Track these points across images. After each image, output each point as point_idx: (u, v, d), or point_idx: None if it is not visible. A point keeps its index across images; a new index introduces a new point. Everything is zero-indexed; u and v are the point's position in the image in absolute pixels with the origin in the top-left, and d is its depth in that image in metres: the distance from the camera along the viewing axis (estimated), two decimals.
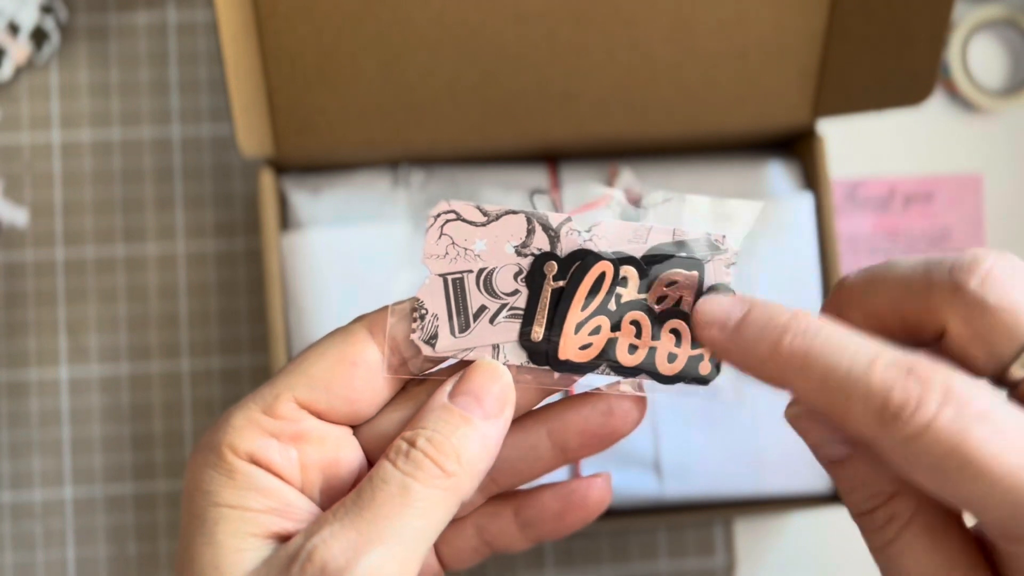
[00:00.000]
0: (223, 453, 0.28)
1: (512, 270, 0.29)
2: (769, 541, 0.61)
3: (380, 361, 0.29)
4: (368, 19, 0.49)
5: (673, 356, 0.29)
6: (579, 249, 0.29)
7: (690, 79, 0.52)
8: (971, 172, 0.64)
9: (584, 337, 0.29)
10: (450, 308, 0.29)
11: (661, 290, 0.29)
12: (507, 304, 0.29)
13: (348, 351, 0.29)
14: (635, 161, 0.55)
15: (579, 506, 0.33)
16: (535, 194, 0.54)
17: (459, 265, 0.29)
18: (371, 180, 0.53)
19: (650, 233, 0.29)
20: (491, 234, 0.29)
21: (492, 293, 0.29)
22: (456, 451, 0.27)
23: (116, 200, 0.58)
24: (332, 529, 0.26)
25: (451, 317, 0.29)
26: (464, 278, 0.29)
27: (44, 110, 0.58)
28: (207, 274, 0.58)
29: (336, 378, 0.29)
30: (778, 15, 0.52)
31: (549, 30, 0.50)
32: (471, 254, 0.29)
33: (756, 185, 0.55)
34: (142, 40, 0.59)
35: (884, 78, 0.48)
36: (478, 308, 0.29)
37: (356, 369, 0.29)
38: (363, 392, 0.29)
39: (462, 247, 0.29)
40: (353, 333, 0.30)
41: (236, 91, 0.45)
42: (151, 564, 0.57)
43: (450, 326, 0.29)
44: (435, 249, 0.29)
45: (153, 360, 0.57)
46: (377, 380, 0.30)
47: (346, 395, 0.29)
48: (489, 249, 0.29)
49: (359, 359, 0.29)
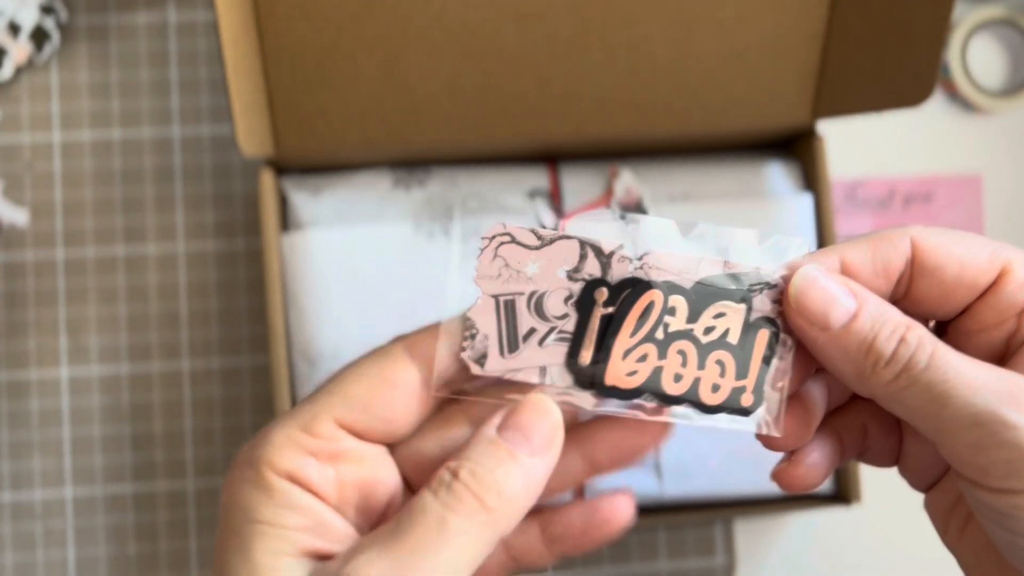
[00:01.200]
0: (262, 470, 0.28)
1: (563, 294, 0.30)
2: (769, 541, 0.61)
3: (418, 382, 0.30)
4: (368, 19, 0.49)
5: (716, 387, 0.30)
6: (630, 277, 0.30)
7: (690, 79, 0.52)
8: (971, 172, 0.64)
9: (631, 364, 0.30)
10: (500, 329, 0.30)
11: (709, 321, 0.30)
12: (556, 327, 0.30)
13: (387, 371, 0.30)
14: (635, 161, 0.55)
15: (605, 523, 0.33)
16: (535, 194, 0.54)
17: (511, 287, 0.30)
18: (371, 180, 0.53)
19: (700, 264, 0.30)
20: (544, 258, 0.30)
21: (542, 316, 0.30)
22: (499, 486, 0.28)
23: (116, 200, 0.58)
24: (369, 556, 0.26)
25: (501, 338, 0.30)
26: (515, 300, 0.30)
27: (44, 110, 0.58)
28: (207, 274, 0.58)
29: (375, 398, 0.29)
30: (778, 15, 0.52)
31: (549, 30, 0.50)
32: (523, 276, 0.30)
33: (756, 185, 0.55)
34: (142, 40, 0.59)
35: (884, 79, 0.48)
36: (528, 330, 0.30)
37: (395, 390, 0.30)
38: (401, 412, 0.30)
39: (515, 269, 0.30)
40: (392, 354, 0.30)
41: (236, 91, 0.45)
42: (151, 564, 0.57)
43: (499, 346, 0.30)
44: (488, 270, 0.30)
45: (153, 360, 0.58)
46: (415, 400, 0.30)
47: (384, 415, 0.30)
48: (541, 272, 0.30)
49: (398, 380, 0.30)
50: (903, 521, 0.62)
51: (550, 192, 0.54)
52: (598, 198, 0.54)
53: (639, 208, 0.54)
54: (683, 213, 0.54)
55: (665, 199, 0.54)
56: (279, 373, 0.50)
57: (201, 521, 0.57)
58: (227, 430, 0.58)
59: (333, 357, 0.51)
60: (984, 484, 0.26)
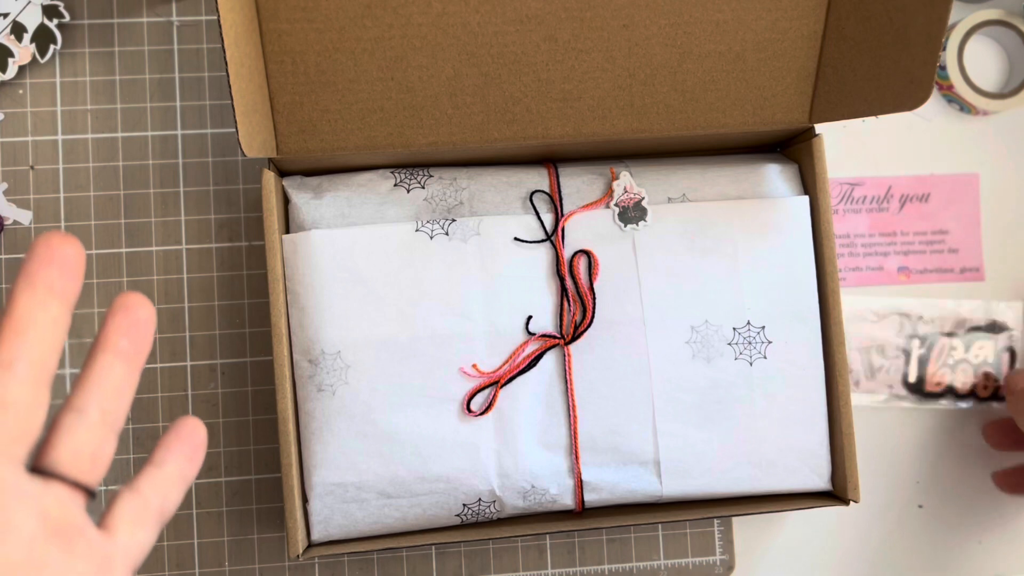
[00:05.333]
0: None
1: None
2: (768, 539, 0.61)
3: None
4: (369, 22, 0.50)
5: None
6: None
7: (688, 81, 0.53)
8: (967, 172, 0.64)
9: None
10: None
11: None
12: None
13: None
14: (634, 162, 0.56)
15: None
16: (535, 194, 0.54)
17: None
18: (372, 181, 0.54)
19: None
20: None
21: None
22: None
23: (119, 200, 0.58)
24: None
25: None
26: None
27: (48, 110, 0.58)
28: (210, 274, 0.59)
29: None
30: (775, 18, 0.52)
31: (549, 32, 0.51)
32: None
33: (754, 186, 0.55)
34: (145, 41, 0.59)
35: (881, 81, 0.48)
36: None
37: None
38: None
39: None
40: None
41: (239, 93, 0.45)
42: (153, 561, 0.57)
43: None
44: None
45: (157, 359, 0.58)
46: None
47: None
48: None
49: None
50: (901, 521, 0.63)
51: (550, 193, 0.54)
52: (597, 199, 0.54)
53: (638, 209, 0.54)
54: (682, 214, 0.54)
55: (664, 200, 0.54)
56: (282, 371, 0.50)
57: (202, 518, 0.57)
58: (230, 428, 0.58)
59: (335, 355, 0.51)
60: None
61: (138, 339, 0.31)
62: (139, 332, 0.31)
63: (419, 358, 0.52)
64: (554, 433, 0.53)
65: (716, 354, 0.53)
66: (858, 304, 0.63)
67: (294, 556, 0.50)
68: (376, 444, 0.51)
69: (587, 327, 0.53)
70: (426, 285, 0.52)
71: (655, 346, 0.53)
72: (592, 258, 0.53)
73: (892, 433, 0.63)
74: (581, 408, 0.53)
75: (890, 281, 0.63)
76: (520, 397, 0.52)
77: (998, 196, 0.64)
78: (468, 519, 0.53)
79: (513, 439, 0.52)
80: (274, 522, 0.58)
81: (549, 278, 0.53)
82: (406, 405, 0.51)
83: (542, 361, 0.53)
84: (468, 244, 0.53)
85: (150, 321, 0.31)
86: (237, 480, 0.58)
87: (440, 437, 0.52)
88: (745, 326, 0.54)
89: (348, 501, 0.51)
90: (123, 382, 0.31)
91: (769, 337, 0.54)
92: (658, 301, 0.53)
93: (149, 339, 0.32)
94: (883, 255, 0.63)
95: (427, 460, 0.51)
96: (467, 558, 0.59)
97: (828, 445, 0.55)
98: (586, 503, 0.53)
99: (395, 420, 0.51)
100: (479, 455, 0.52)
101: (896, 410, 0.63)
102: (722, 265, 0.54)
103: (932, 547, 0.63)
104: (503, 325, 0.52)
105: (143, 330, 0.31)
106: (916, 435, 0.63)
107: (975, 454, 0.63)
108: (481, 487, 0.52)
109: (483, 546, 0.59)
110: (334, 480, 0.51)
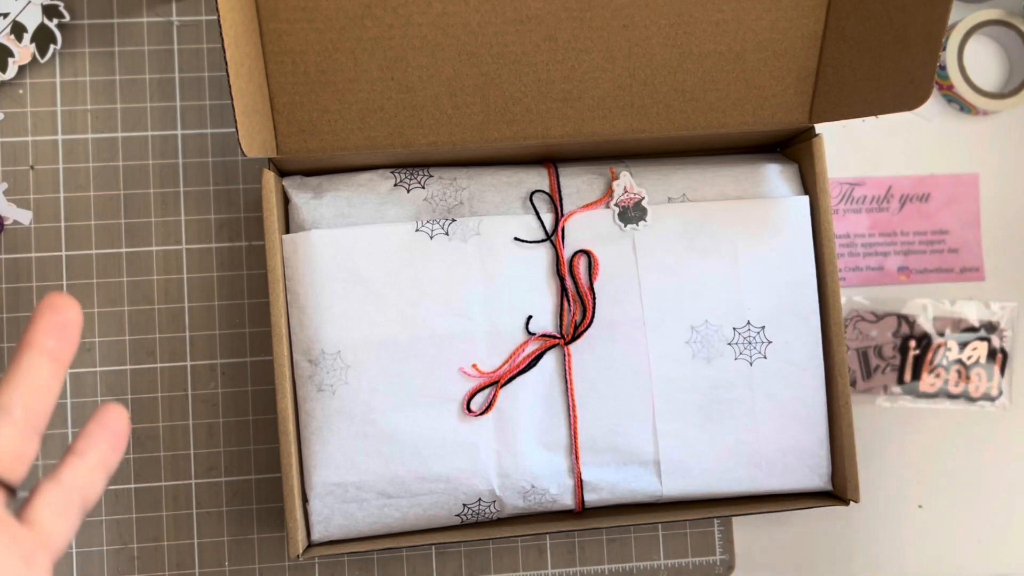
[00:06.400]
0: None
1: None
2: (768, 539, 0.61)
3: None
4: (369, 22, 0.50)
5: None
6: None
7: (688, 81, 0.53)
8: (967, 172, 0.64)
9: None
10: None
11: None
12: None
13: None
14: (634, 162, 0.56)
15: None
16: (535, 194, 0.54)
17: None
18: (372, 181, 0.54)
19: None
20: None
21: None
22: None
23: (120, 200, 0.58)
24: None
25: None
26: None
27: (48, 110, 0.58)
28: (210, 274, 0.59)
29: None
30: (775, 18, 0.52)
31: (549, 32, 0.51)
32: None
33: (754, 186, 0.55)
34: (145, 41, 0.59)
35: (881, 82, 0.48)
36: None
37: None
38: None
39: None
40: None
41: (239, 93, 0.45)
42: (153, 561, 0.57)
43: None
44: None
45: (156, 359, 0.58)
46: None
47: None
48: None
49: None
50: (901, 521, 0.63)
51: (550, 193, 0.54)
52: (597, 199, 0.54)
53: (638, 209, 0.54)
54: (682, 214, 0.54)
55: (664, 200, 0.54)
56: (282, 371, 0.50)
57: (202, 518, 0.57)
58: (230, 428, 0.58)
59: (335, 355, 0.51)
60: None
61: (65, 339, 0.32)
62: (66, 332, 0.32)
63: (419, 358, 0.52)
64: (554, 433, 0.53)
65: (716, 354, 0.53)
66: (858, 304, 0.63)
67: (294, 556, 0.50)
68: (376, 444, 0.51)
69: (587, 327, 0.53)
70: (426, 285, 0.52)
71: (655, 346, 0.53)
72: (592, 258, 0.53)
73: (892, 433, 0.63)
74: (581, 408, 0.53)
75: (890, 281, 0.63)
76: (520, 397, 0.52)
77: (998, 196, 0.64)
78: (468, 519, 0.53)
79: (513, 439, 0.52)
80: (274, 522, 0.58)
81: (549, 278, 0.53)
82: (406, 405, 0.51)
83: (542, 361, 0.53)
84: (468, 244, 0.53)
85: (77, 322, 0.32)
86: (237, 480, 0.58)
87: (440, 437, 0.52)
88: (745, 326, 0.54)
89: (348, 501, 0.51)
90: (48, 381, 0.31)
91: (769, 337, 0.54)
92: (658, 301, 0.53)
93: (76, 339, 0.32)
94: (883, 255, 0.63)
95: (427, 460, 0.51)
96: (467, 558, 0.59)
97: (828, 445, 0.55)
98: (586, 503, 0.53)
99: (395, 420, 0.51)
100: (479, 455, 0.52)
101: (896, 410, 0.63)
102: (722, 265, 0.54)
103: (932, 547, 0.63)
104: (503, 325, 0.52)
105: (70, 330, 0.32)
106: (916, 435, 0.63)
107: (975, 454, 0.63)
108: (481, 487, 0.52)
109: (483, 546, 0.59)
110: (334, 480, 0.51)
